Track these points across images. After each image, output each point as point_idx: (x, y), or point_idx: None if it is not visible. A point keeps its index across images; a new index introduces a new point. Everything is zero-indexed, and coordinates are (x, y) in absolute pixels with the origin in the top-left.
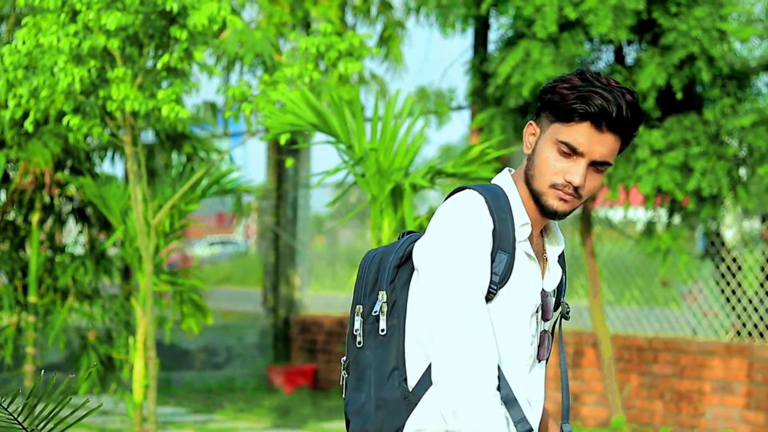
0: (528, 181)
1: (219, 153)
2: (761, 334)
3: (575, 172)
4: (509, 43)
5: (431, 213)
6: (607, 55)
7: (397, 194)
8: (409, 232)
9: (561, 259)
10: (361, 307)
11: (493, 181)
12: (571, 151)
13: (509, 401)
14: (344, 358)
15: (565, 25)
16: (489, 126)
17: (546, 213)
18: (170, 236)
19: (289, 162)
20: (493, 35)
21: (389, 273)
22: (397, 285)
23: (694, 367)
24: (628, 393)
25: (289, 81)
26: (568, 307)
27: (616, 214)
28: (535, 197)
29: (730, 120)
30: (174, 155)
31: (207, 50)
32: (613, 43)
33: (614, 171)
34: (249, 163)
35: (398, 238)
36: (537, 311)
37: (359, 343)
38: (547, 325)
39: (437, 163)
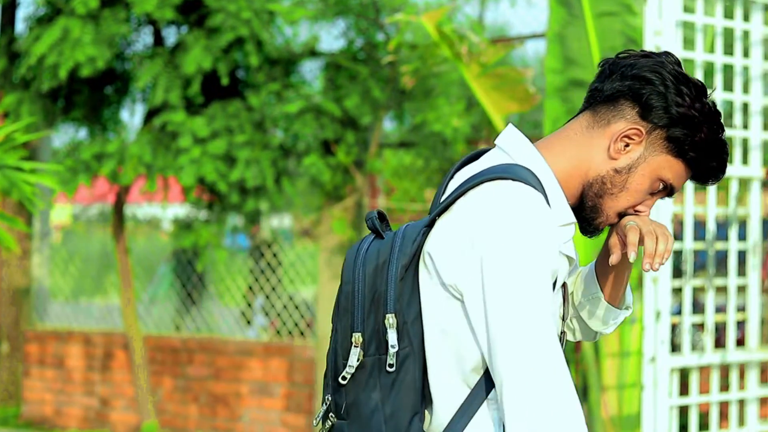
0: (597, 191)
1: None
2: (302, 333)
3: (648, 206)
4: (42, 21)
5: None
6: (146, 36)
7: None
8: (376, 216)
9: None
10: (359, 335)
11: (515, 159)
12: (663, 192)
13: None
14: (327, 395)
15: (108, 2)
16: (17, 111)
17: (585, 229)
18: None
19: None
20: (23, 12)
21: (395, 289)
22: (403, 302)
23: (232, 369)
24: (161, 397)
25: None
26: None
27: (153, 210)
28: (587, 209)
29: (276, 107)
30: None
31: None
32: (158, 24)
33: (154, 161)
34: None
35: (370, 223)
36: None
37: (360, 381)
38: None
39: None
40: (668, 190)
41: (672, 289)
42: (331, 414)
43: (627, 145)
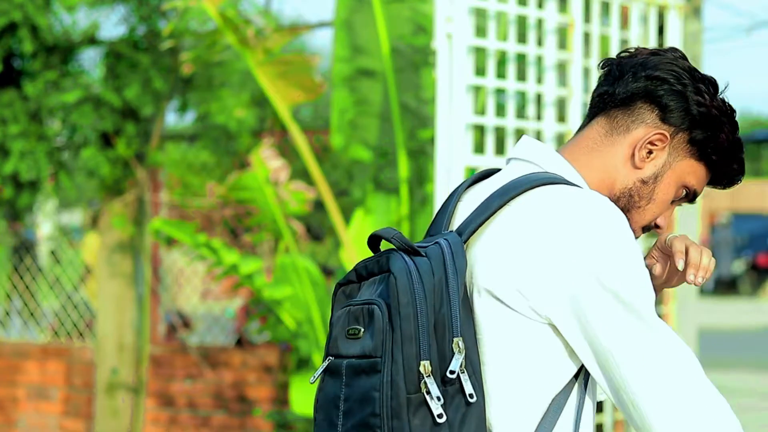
0: (624, 205)
1: None
2: (81, 334)
3: (667, 217)
4: None
5: None
6: None
7: None
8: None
9: None
10: (428, 363)
11: (547, 170)
12: (684, 199)
13: None
14: None
15: None
16: None
17: None
18: None
19: None
20: None
21: (459, 308)
22: (463, 325)
23: (7, 371)
24: None
25: None
26: None
27: None
28: None
29: (53, 96)
30: None
31: None
32: None
33: None
34: None
35: (397, 242)
36: None
37: (439, 416)
38: None
39: None
40: (689, 197)
41: None
42: None
43: (650, 152)
